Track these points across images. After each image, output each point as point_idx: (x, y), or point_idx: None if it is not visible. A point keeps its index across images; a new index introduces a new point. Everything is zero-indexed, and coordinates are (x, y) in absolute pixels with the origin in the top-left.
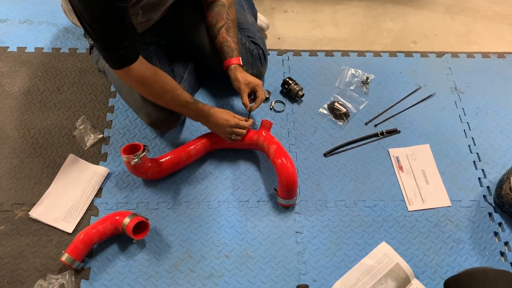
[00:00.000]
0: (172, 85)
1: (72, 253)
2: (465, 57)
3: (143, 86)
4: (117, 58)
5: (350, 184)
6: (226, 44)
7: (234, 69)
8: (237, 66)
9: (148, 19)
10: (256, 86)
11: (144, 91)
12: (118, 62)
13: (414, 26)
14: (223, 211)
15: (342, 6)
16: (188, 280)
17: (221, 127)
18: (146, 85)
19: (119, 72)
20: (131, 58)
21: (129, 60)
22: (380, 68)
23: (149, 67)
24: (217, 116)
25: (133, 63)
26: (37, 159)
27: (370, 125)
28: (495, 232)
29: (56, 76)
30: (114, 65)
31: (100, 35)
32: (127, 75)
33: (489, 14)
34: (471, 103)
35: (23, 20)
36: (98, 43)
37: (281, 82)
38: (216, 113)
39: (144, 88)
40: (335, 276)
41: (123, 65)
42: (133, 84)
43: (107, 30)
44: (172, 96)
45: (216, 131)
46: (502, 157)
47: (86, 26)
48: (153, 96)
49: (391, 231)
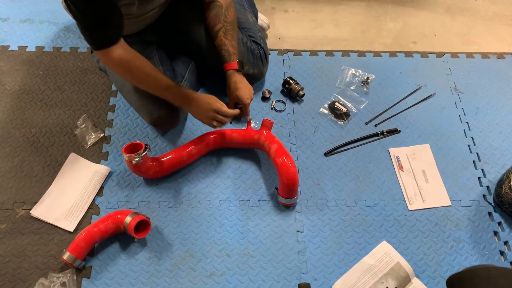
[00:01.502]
0: (153, 69)
1: (73, 251)
2: (465, 57)
3: (124, 69)
4: (99, 38)
5: (350, 183)
6: (223, 48)
7: (229, 75)
8: (233, 72)
9: (144, 11)
10: (242, 104)
11: (125, 74)
12: (99, 43)
13: (414, 27)
14: (224, 210)
15: (343, 6)
16: (189, 278)
17: (203, 110)
18: (126, 68)
19: (99, 53)
20: (112, 40)
21: (110, 42)
22: (381, 68)
23: (130, 51)
24: (200, 99)
25: (114, 45)
26: (38, 158)
27: (371, 125)
28: (494, 231)
29: (57, 75)
30: (94, 45)
31: (83, 14)
32: (107, 57)
33: (489, 14)
34: (470, 103)
35: (24, 19)
36: (80, 21)
37: (282, 82)
38: (200, 97)
39: (125, 71)
40: (336, 275)
41: (103, 46)
42: (114, 67)
43: (91, 8)
44: (153, 79)
45: (198, 116)
46: (502, 157)
47: (70, 3)
48: (134, 79)
49: (391, 230)
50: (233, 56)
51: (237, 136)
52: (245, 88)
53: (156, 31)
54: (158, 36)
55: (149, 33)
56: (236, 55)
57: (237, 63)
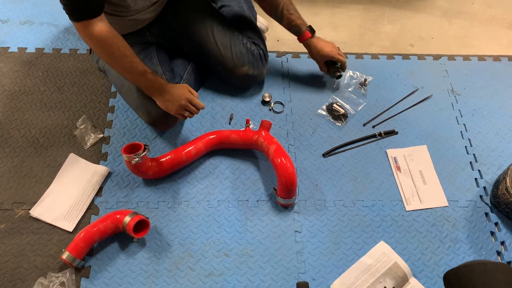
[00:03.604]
0: (131, 52)
1: (72, 251)
2: (461, 60)
3: (102, 45)
4: (78, 7)
5: (348, 184)
6: (293, 24)
7: (307, 44)
8: (309, 40)
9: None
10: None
11: (102, 51)
12: (78, 12)
13: (411, 29)
14: (222, 210)
15: (340, 9)
16: (188, 278)
17: (177, 99)
18: (105, 45)
19: (79, 26)
20: (93, 11)
21: (91, 13)
22: (378, 70)
23: (111, 28)
24: (174, 87)
25: (95, 17)
26: (38, 158)
27: (368, 126)
28: (491, 231)
29: (57, 77)
30: (75, 14)
31: None
32: (87, 31)
33: (485, 18)
34: (467, 105)
35: (24, 21)
36: None
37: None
38: (173, 86)
39: (102, 48)
40: (334, 274)
41: (84, 17)
42: (93, 42)
43: None
44: (130, 62)
45: (169, 105)
46: (498, 158)
47: None
48: (111, 59)
49: (389, 230)
50: (303, 27)
51: (236, 137)
52: (327, 44)
53: (156, 33)
54: (158, 37)
55: (149, 35)
56: (304, 25)
57: (308, 31)
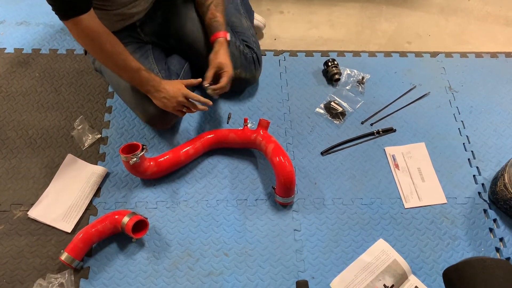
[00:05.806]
0: (123, 49)
1: (71, 252)
2: (458, 57)
3: (94, 42)
4: (65, 5)
5: (347, 182)
6: (215, 20)
7: (218, 42)
8: (223, 40)
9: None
10: (224, 72)
11: (94, 48)
12: (66, 10)
13: (408, 27)
14: (221, 210)
15: (338, 7)
16: (187, 278)
17: (173, 96)
18: (97, 42)
19: (68, 24)
20: (80, 8)
21: (80, 9)
22: (376, 68)
23: (101, 24)
24: (169, 83)
25: (83, 13)
26: (36, 159)
27: (366, 124)
28: (490, 228)
29: (54, 77)
30: (63, 13)
31: None
32: (77, 28)
33: (482, 14)
34: (465, 102)
35: (20, 22)
36: None
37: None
38: (169, 82)
39: (95, 46)
40: (334, 273)
41: (71, 14)
42: (83, 39)
43: None
44: (123, 59)
45: (167, 102)
46: (496, 155)
47: None
48: (104, 56)
49: (388, 228)
50: (223, 26)
51: (234, 136)
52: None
53: (149, 33)
54: (152, 37)
55: (144, 35)
56: (225, 26)
57: (227, 32)
